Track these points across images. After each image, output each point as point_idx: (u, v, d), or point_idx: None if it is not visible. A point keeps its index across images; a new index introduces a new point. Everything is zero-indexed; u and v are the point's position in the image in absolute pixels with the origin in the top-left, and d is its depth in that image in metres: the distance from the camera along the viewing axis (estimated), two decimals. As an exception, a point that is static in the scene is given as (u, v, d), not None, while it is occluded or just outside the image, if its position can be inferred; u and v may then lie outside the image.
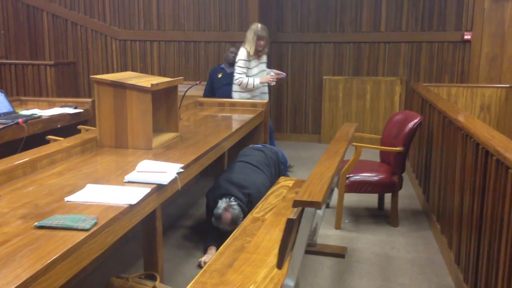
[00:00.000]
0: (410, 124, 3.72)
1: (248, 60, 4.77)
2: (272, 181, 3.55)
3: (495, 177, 2.15)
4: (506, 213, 1.99)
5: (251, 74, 4.82)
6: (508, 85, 5.48)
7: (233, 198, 3.18)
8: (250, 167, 3.51)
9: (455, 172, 2.91)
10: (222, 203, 3.14)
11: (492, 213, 2.19)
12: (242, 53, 4.78)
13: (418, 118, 3.75)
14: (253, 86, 4.78)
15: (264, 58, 4.93)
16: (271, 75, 4.84)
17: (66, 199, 1.98)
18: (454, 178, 2.95)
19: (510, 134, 5.19)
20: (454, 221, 2.93)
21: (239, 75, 4.78)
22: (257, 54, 4.81)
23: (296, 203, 1.76)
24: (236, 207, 3.13)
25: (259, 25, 4.80)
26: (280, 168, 3.88)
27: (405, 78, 6.34)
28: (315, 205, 1.75)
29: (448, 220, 3.11)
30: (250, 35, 4.77)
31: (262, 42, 4.74)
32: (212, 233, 3.26)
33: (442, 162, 3.37)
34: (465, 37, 6.16)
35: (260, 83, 4.81)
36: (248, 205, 3.20)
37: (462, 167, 2.74)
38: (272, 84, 4.87)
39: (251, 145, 4.10)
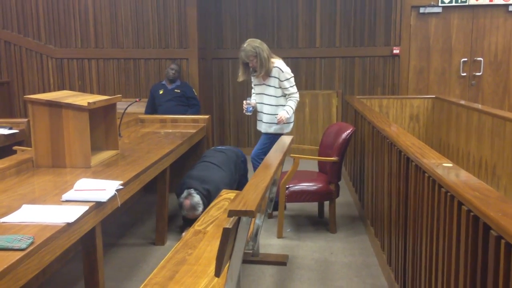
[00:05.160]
0: (344, 135, 3.93)
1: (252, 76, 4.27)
2: (232, 178, 4.08)
3: (415, 181, 2.35)
4: (425, 214, 2.18)
5: (253, 92, 4.37)
6: (434, 96, 5.87)
7: (193, 189, 3.68)
8: (212, 166, 4.01)
9: (384, 178, 3.12)
10: (184, 194, 3.69)
11: (414, 215, 2.38)
12: None
13: (351, 129, 3.97)
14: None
15: (272, 80, 4.14)
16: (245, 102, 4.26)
17: (1, 220, 1.96)
18: (383, 184, 3.16)
19: (437, 141, 5.56)
20: (385, 225, 3.13)
21: None
22: (259, 75, 4.14)
23: (231, 213, 1.85)
24: (195, 195, 3.64)
25: (242, 46, 4.10)
26: (240, 166, 4.36)
27: (341, 91, 6.63)
28: (249, 214, 1.84)
29: (380, 224, 3.31)
30: None
31: (250, 64, 4.11)
32: (186, 221, 3.82)
33: (373, 170, 3.59)
34: (394, 51, 6.55)
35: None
36: (207, 197, 3.69)
37: (389, 173, 2.95)
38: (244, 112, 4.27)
39: (213, 147, 4.61)
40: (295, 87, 4.21)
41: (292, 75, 4.20)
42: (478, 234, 1.58)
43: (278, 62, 4.18)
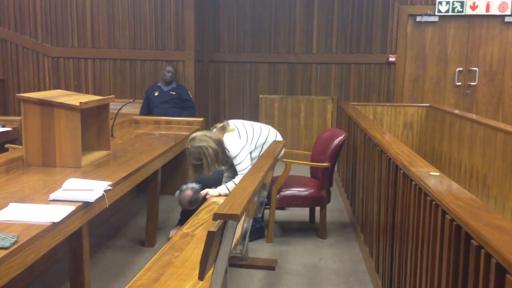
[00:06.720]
0: (336, 141, 3.94)
1: None
2: None
3: (403, 189, 2.36)
4: (411, 222, 2.19)
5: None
6: (428, 104, 5.89)
7: (200, 186, 3.67)
8: (220, 171, 3.97)
9: (374, 186, 3.13)
10: (191, 184, 3.69)
11: (401, 222, 2.39)
12: None
13: (343, 135, 3.98)
14: None
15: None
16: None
17: (-13, 218, 1.96)
18: (373, 191, 3.17)
19: (430, 149, 5.58)
20: (373, 231, 3.14)
21: None
22: (211, 172, 3.61)
23: (216, 216, 1.85)
24: (198, 191, 3.60)
25: (187, 146, 3.49)
26: None
27: (336, 97, 6.65)
28: (234, 217, 1.85)
29: (370, 230, 3.32)
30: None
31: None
32: (183, 216, 3.77)
33: (364, 176, 3.60)
34: (390, 59, 6.58)
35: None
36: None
37: (379, 180, 2.96)
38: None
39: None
40: (245, 161, 3.57)
41: (239, 149, 3.54)
42: (460, 243, 1.59)
43: (226, 139, 3.55)
